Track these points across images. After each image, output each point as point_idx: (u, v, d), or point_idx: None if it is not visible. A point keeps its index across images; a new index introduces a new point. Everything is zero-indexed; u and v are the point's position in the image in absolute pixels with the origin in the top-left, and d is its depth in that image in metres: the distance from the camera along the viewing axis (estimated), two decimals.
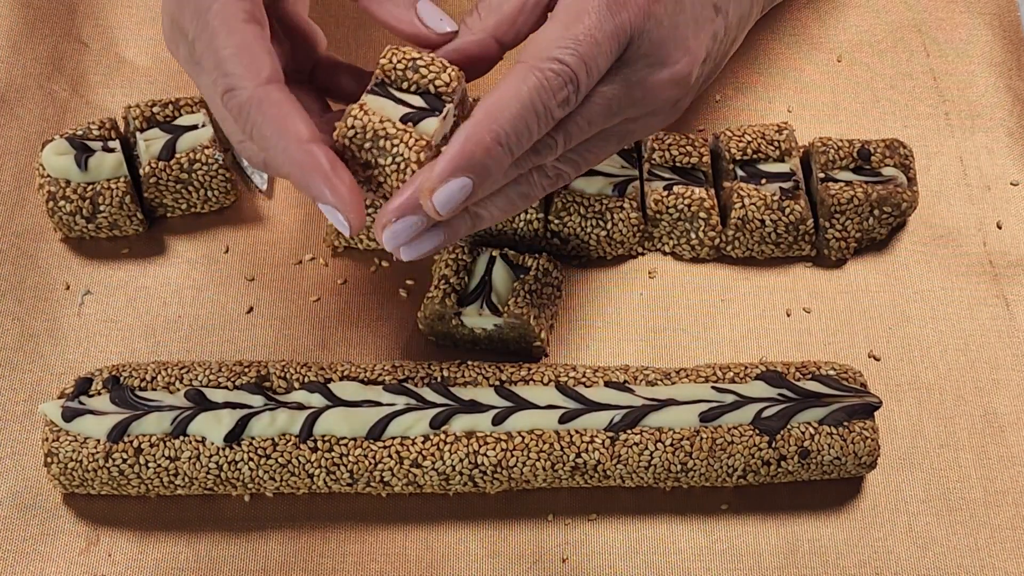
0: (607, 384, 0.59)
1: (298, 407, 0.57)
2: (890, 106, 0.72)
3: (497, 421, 0.57)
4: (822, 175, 0.65)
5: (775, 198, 0.64)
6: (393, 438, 0.57)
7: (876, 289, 0.66)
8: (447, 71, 0.50)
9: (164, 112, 0.65)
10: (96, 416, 0.56)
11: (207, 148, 0.64)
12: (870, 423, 0.58)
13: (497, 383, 0.58)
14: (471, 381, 0.58)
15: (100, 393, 0.57)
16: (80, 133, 0.64)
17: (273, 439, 0.56)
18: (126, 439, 0.56)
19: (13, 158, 0.67)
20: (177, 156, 0.63)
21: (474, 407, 0.57)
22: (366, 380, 0.58)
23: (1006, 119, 0.71)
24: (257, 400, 0.57)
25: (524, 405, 0.58)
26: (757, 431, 0.57)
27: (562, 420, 0.57)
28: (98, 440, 0.56)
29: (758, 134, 0.65)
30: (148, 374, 0.58)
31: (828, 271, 0.66)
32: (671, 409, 0.58)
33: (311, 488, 0.57)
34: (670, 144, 0.65)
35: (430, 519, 0.59)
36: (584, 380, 0.59)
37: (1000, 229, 0.68)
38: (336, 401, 0.57)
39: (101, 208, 0.63)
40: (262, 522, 0.58)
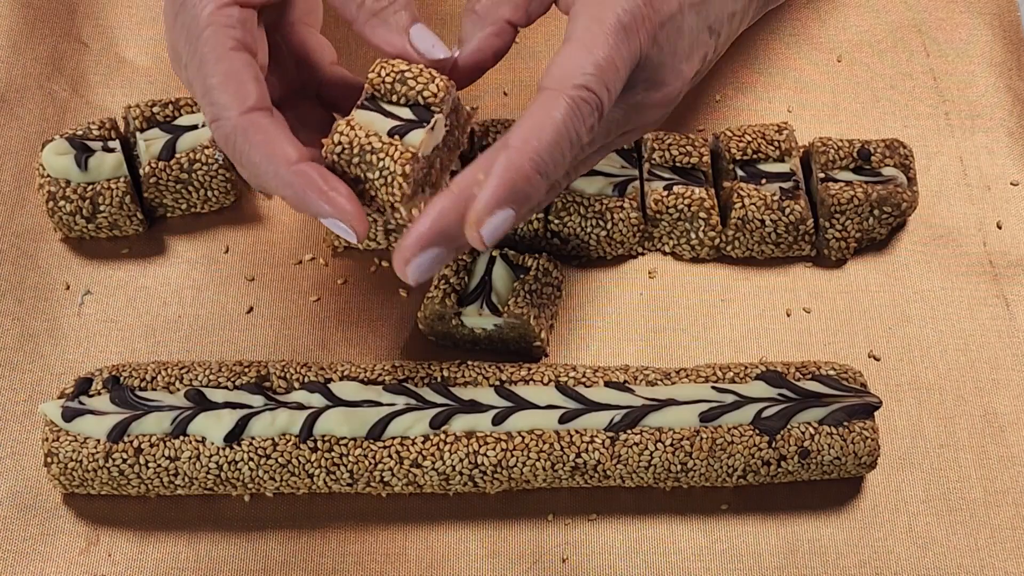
0: (607, 384, 0.59)
1: (298, 407, 0.57)
2: (890, 106, 0.72)
3: (497, 421, 0.57)
4: (822, 175, 0.65)
5: (775, 198, 0.64)
6: (393, 438, 0.57)
7: (876, 289, 0.66)
8: (435, 82, 0.51)
9: (164, 112, 0.65)
10: (96, 416, 0.56)
11: (207, 148, 0.64)
12: (870, 423, 0.58)
13: (497, 383, 0.58)
14: (471, 381, 0.58)
15: (100, 393, 0.57)
16: (80, 133, 0.64)
17: (273, 439, 0.56)
18: (126, 439, 0.56)
19: (13, 158, 0.67)
20: (177, 156, 0.63)
21: (474, 407, 0.57)
22: (366, 380, 0.58)
23: (1006, 119, 0.71)
24: (257, 400, 0.57)
25: (524, 405, 0.58)
26: (757, 431, 0.57)
27: (562, 420, 0.57)
28: (98, 440, 0.56)
29: (758, 134, 0.65)
30: (148, 374, 0.58)
31: (828, 271, 0.66)
32: (671, 409, 0.58)
33: (311, 488, 0.57)
34: (670, 144, 0.65)
35: (430, 519, 0.59)
36: (584, 380, 0.59)
37: (1000, 229, 0.68)
38: (336, 401, 0.57)
39: (101, 208, 0.63)
40: (262, 522, 0.58)
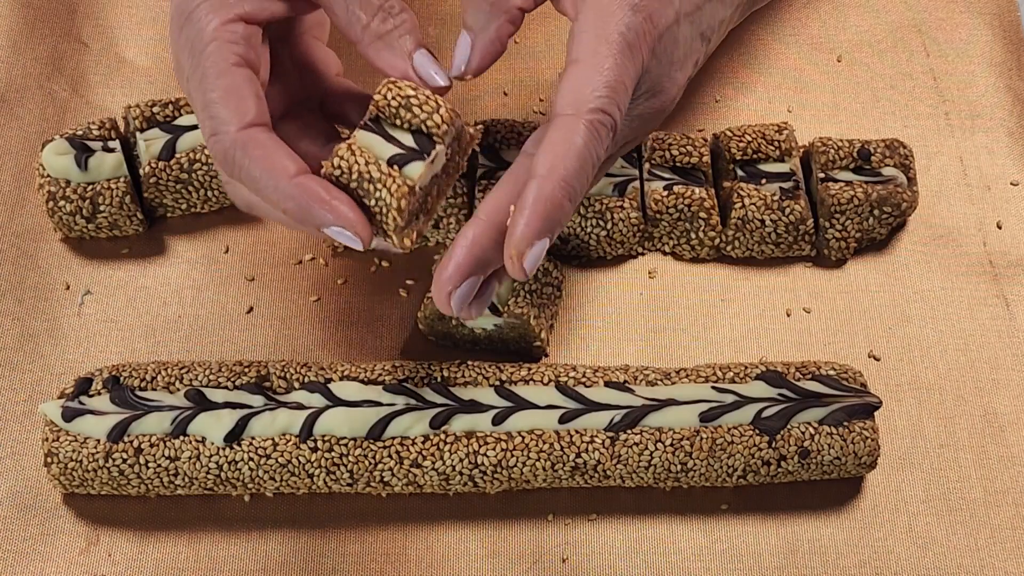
0: (607, 384, 0.59)
1: (298, 407, 0.57)
2: (890, 106, 0.72)
3: (497, 421, 0.57)
4: (822, 175, 0.65)
5: (775, 198, 0.64)
6: (393, 438, 0.57)
7: (876, 289, 0.66)
8: (439, 112, 0.51)
9: (164, 112, 0.64)
10: (96, 416, 0.56)
11: (206, 148, 0.64)
12: (870, 423, 0.58)
13: (497, 383, 0.58)
14: (471, 381, 0.58)
15: (100, 393, 0.57)
16: (80, 133, 0.64)
17: (273, 439, 0.56)
18: (126, 439, 0.56)
19: (13, 158, 0.67)
20: (177, 156, 0.63)
21: (474, 407, 0.57)
22: (366, 380, 0.58)
23: (1006, 119, 0.71)
24: (257, 400, 0.57)
25: (524, 405, 0.58)
26: (757, 431, 0.57)
27: (562, 420, 0.57)
28: (98, 440, 0.56)
29: (758, 134, 0.65)
30: (148, 374, 0.58)
31: (828, 271, 0.66)
32: (671, 409, 0.58)
33: (311, 488, 0.57)
34: (670, 144, 0.65)
35: (430, 519, 0.59)
36: (584, 380, 0.59)
37: (1000, 229, 0.68)
38: (336, 401, 0.57)
39: (101, 208, 0.63)
40: (262, 522, 0.58)
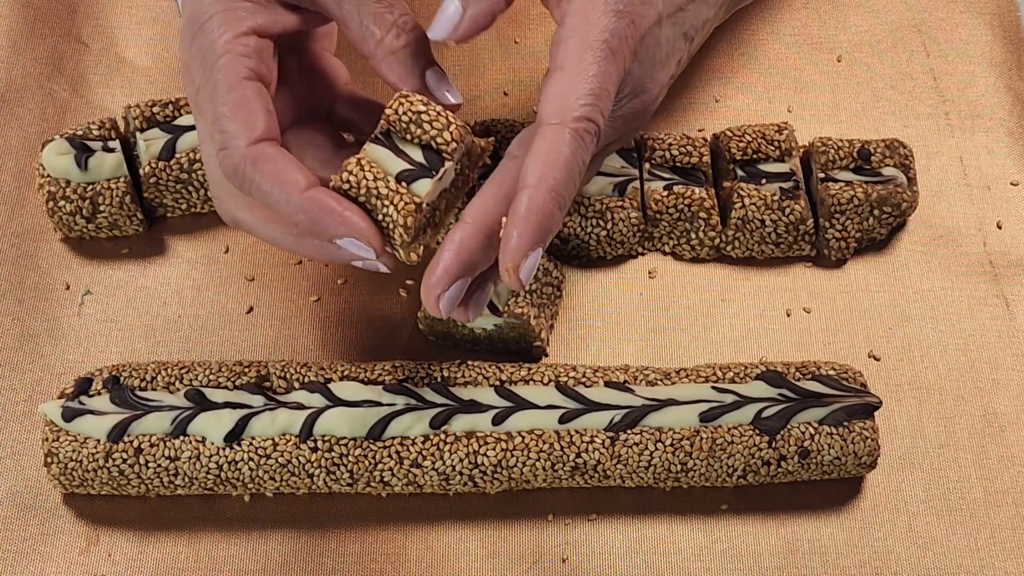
0: (607, 384, 0.59)
1: (298, 407, 0.57)
2: (890, 106, 0.72)
3: (497, 421, 0.57)
4: (822, 175, 0.65)
5: (775, 198, 0.64)
6: (393, 438, 0.57)
7: (876, 289, 0.66)
8: (450, 128, 0.51)
9: (164, 112, 0.64)
10: (96, 416, 0.56)
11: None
12: (870, 423, 0.58)
13: (497, 383, 0.58)
14: (471, 381, 0.58)
15: (100, 393, 0.57)
16: (80, 133, 0.64)
17: (273, 439, 0.56)
18: (126, 439, 0.56)
19: (13, 158, 0.67)
20: (177, 156, 0.63)
21: (474, 407, 0.57)
22: (366, 380, 0.58)
23: (1006, 119, 0.71)
24: (257, 400, 0.57)
25: (524, 405, 0.58)
26: (757, 431, 0.57)
27: (562, 420, 0.57)
28: (98, 440, 0.56)
29: (758, 134, 0.65)
30: (148, 374, 0.58)
31: (828, 271, 0.66)
32: (671, 409, 0.58)
33: (311, 488, 0.57)
34: (670, 144, 0.65)
35: (430, 519, 0.59)
36: (584, 380, 0.59)
37: (1000, 229, 0.68)
38: (336, 401, 0.57)
39: (101, 208, 0.63)
40: (262, 522, 0.58)
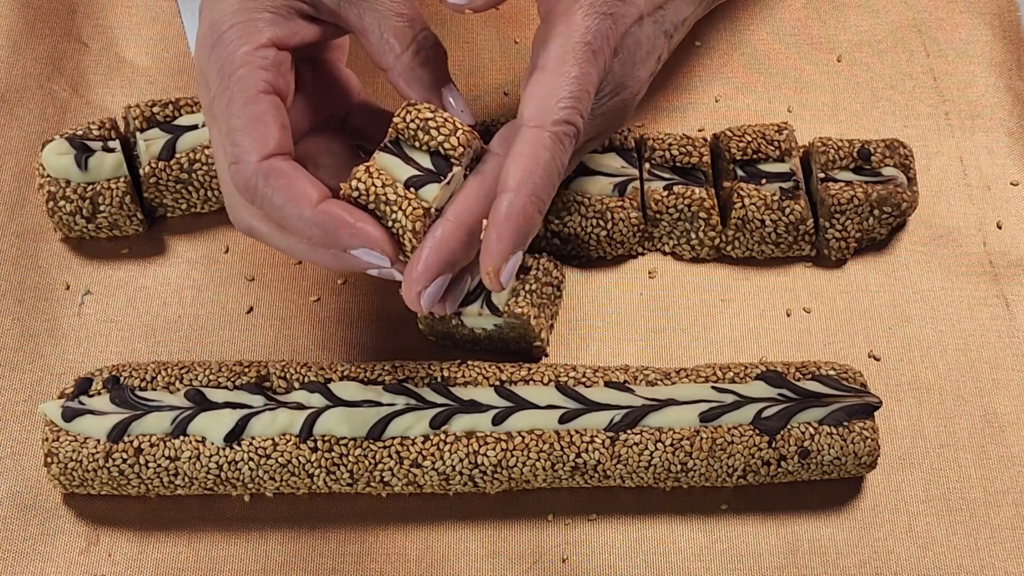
0: (607, 384, 0.59)
1: (298, 407, 0.57)
2: (890, 106, 0.72)
3: (497, 421, 0.57)
4: (822, 175, 0.65)
5: (775, 198, 0.64)
6: (393, 438, 0.57)
7: (876, 289, 0.66)
8: (457, 134, 0.52)
9: (164, 112, 0.64)
10: (96, 416, 0.56)
11: (207, 148, 0.64)
12: (870, 423, 0.58)
13: (497, 383, 0.58)
14: (471, 381, 0.58)
15: (100, 393, 0.57)
16: (80, 133, 0.64)
17: (273, 439, 0.56)
18: (126, 439, 0.56)
19: (13, 158, 0.67)
20: (177, 156, 0.63)
21: (474, 407, 0.57)
22: (366, 380, 0.58)
23: (1006, 119, 0.71)
24: (257, 400, 0.57)
25: (524, 405, 0.58)
26: (757, 431, 0.57)
27: (562, 420, 0.57)
28: (98, 440, 0.56)
29: (758, 134, 0.65)
30: (148, 374, 0.58)
31: (828, 271, 0.66)
32: (671, 409, 0.58)
33: (311, 488, 0.57)
34: (670, 144, 0.65)
35: (430, 519, 0.59)
36: (584, 380, 0.59)
37: (1000, 229, 0.68)
38: (336, 401, 0.57)
39: (101, 208, 0.63)
40: (262, 522, 0.58)
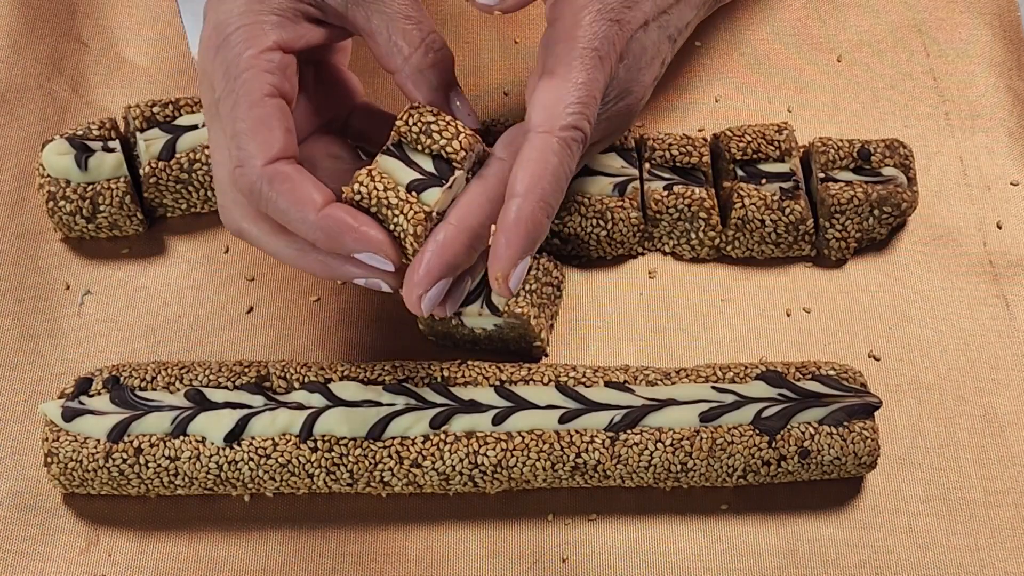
0: (607, 384, 0.59)
1: (298, 407, 0.57)
2: (890, 106, 0.72)
3: (497, 421, 0.57)
4: (822, 175, 0.65)
5: (775, 198, 0.64)
6: (393, 438, 0.57)
7: (876, 289, 0.66)
8: (458, 138, 0.51)
9: (164, 112, 0.64)
10: (96, 416, 0.56)
11: (207, 148, 0.64)
12: (870, 423, 0.58)
13: (497, 383, 0.58)
14: (471, 381, 0.58)
15: (100, 393, 0.57)
16: (80, 133, 0.64)
17: (273, 439, 0.56)
18: (126, 439, 0.56)
19: (13, 158, 0.67)
20: (177, 156, 0.63)
21: (474, 407, 0.57)
22: (366, 380, 0.58)
23: (1006, 119, 0.71)
24: (257, 400, 0.57)
25: (524, 405, 0.58)
26: (757, 431, 0.57)
27: (562, 420, 0.57)
28: (98, 440, 0.56)
29: (758, 134, 0.65)
30: (148, 374, 0.58)
31: (828, 271, 0.66)
32: (671, 409, 0.58)
33: (311, 488, 0.57)
34: (670, 144, 0.65)
35: (430, 519, 0.59)
36: (584, 380, 0.59)
37: (1000, 229, 0.68)
38: (336, 401, 0.57)
39: (101, 208, 0.63)
40: (262, 522, 0.58)
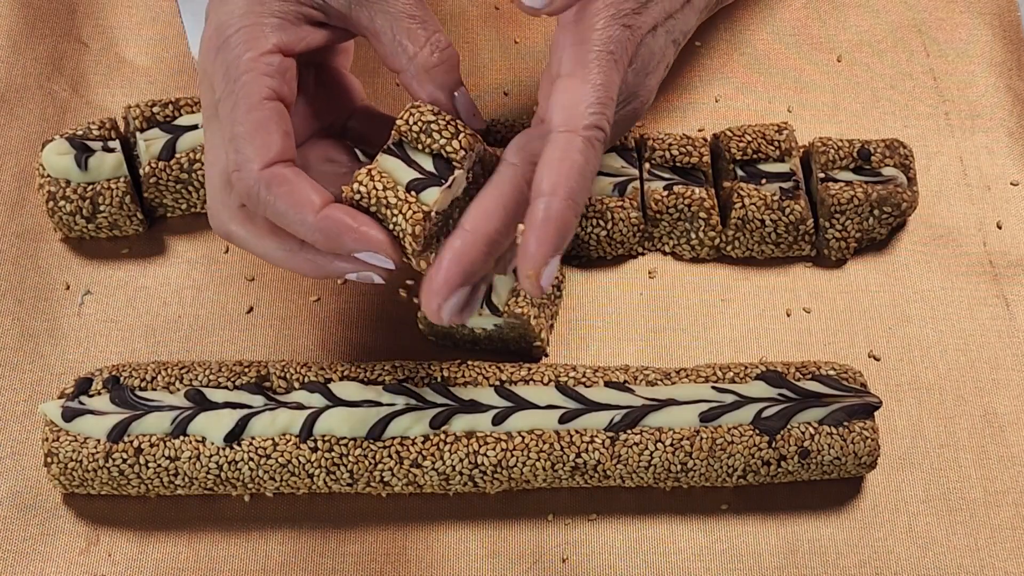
0: (607, 384, 0.59)
1: (298, 407, 0.57)
2: (890, 106, 0.72)
3: (497, 421, 0.57)
4: (822, 175, 0.65)
5: (775, 198, 0.64)
6: (393, 438, 0.57)
7: (876, 289, 0.66)
8: (458, 137, 0.51)
9: (164, 112, 0.64)
10: (96, 416, 0.56)
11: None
12: (870, 423, 0.58)
13: (497, 383, 0.58)
14: (471, 381, 0.58)
15: (100, 393, 0.57)
16: (80, 133, 0.64)
17: (273, 439, 0.56)
18: (126, 439, 0.56)
19: (13, 158, 0.67)
20: (177, 156, 0.63)
21: (474, 407, 0.57)
22: (366, 380, 0.58)
23: (1006, 119, 0.71)
24: (257, 400, 0.57)
25: (524, 405, 0.58)
26: (757, 431, 0.57)
27: (562, 420, 0.57)
28: (98, 440, 0.56)
29: (758, 134, 0.65)
30: (148, 374, 0.58)
31: (828, 271, 0.66)
32: (671, 409, 0.58)
33: (311, 488, 0.57)
34: (670, 144, 0.65)
35: (430, 519, 0.59)
36: (584, 380, 0.59)
37: (1000, 229, 0.68)
38: (336, 401, 0.57)
39: (101, 208, 0.63)
40: (262, 522, 0.58)
